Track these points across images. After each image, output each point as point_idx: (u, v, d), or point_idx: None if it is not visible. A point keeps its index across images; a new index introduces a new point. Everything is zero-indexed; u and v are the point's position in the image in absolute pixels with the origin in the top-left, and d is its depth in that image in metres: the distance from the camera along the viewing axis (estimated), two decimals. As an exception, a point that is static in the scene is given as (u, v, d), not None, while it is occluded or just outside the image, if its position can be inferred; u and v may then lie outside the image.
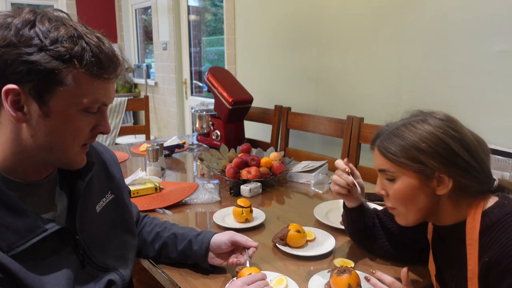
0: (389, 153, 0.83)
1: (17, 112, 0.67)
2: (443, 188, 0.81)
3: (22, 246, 0.68)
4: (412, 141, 0.81)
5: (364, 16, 2.05)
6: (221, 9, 3.44)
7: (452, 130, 0.80)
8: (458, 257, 0.84)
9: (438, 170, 0.80)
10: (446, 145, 0.79)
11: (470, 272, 0.79)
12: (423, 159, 0.80)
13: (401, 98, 1.93)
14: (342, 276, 0.90)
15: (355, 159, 1.94)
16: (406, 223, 0.89)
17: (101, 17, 4.90)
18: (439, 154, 0.79)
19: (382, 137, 0.86)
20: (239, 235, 1.04)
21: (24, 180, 0.73)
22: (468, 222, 0.81)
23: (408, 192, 0.83)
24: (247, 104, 2.35)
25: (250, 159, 1.75)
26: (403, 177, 0.83)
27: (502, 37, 1.55)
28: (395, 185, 0.85)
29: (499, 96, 1.59)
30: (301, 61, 2.46)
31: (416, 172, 0.81)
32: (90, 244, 0.83)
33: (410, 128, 0.83)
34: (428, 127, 0.81)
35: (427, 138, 0.80)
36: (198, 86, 4.09)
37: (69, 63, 0.66)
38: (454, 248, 0.86)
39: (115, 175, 0.96)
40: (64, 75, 0.66)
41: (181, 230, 1.10)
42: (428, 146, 0.79)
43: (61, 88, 0.67)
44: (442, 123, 0.81)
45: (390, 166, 0.84)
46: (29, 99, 0.66)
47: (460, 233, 0.82)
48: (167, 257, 1.08)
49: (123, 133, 3.38)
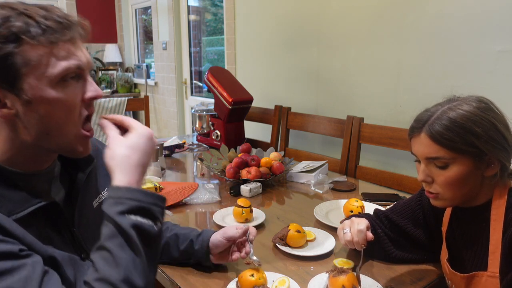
0: (445, 140, 0.82)
1: (1, 110, 0.66)
2: (491, 170, 0.83)
3: (21, 213, 0.68)
4: (467, 126, 0.81)
5: (364, 16, 2.05)
6: (221, 9, 3.44)
7: (497, 112, 0.83)
8: (478, 236, 0.87)
9: (490, 153, 0.81)
10: (496, 129, 0.81)
11: (493, 246, 0.82)
12: (478, 144, 0.81)
13: (401, 98, 1.93)
14: (338, 277, 0.90)
15: (355, 159, 1.94)
16: (444, 205, 0.90)
17: (101, 17, 4.90)
18: (492, 138, 0.81)
19: (431, 123, 0.84)
20: (231, 229, 1.02)
21: (24, 170, 0.72)
22: (494, 199, 0.84)
23: (462, 177, 0.83)
24: (247, 104, 2.35)
25: (250, 159, 1.75)
26: (458, 163, 0.83)
27: (502, 37, 1.55)
28: (448, 171, 0.83)
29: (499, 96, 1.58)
30: (301, 61, 2.46)
31: (472, 156, 0.82)
32: (86, 238, 0.83)
33: (459, 111, 0.82)
34: (476, 111, 0.82)
35: (480, 123, 0.81)
36: (198, 86, 4.09)
37: (19, 41, 0.64)
38: (475, 228, 0.88)
39: None
40: (21, 55, 0.64)
41: (183, 230, 1.10)
42: (483, 130, 0.80)
43: (28, 70, 0.65)
44: (487, 106, 0.83)
45: (445, 153, 0.82)
46: (4, 91, 0.65)
47: (484, 213, 0.85)
48: (169, 257, 1.08)
49: (123, 133, 3.37)
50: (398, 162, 1.96)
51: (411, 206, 1.08)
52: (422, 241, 1.06)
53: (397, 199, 1.51)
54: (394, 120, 1.95)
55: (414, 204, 1.08)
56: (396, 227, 1.09)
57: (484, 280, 0.83)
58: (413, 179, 1.71)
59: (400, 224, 1.08)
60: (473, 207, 0.89)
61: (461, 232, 0.94)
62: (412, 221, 1.07)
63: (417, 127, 0.86)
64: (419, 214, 1.06)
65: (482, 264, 0.85)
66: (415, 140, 0.88)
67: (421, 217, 1.06)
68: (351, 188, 1.68)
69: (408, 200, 1.11)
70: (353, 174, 1.94)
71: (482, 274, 0.84)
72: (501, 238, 0.81)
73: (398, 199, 1.51)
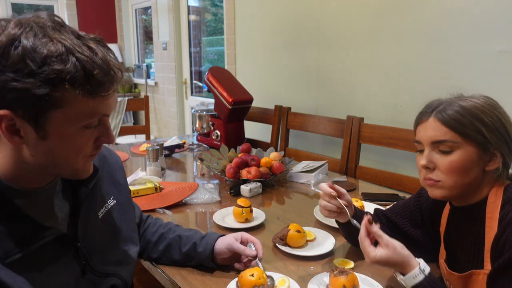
0: (455, 122, 0.83)
1: (14, 137, 0.64)
2: (494, 164, 0.84)
3: (19, 253, 0.67)
4: (476, 113, 0.83)
5: (364, 16, 2.05)
6: (221, 9, 3.44)
7: (502, 110, 0.86)
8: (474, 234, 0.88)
9: (494, 145, 0.83)
10: (502, 122, 0.84)
11: (488, 244, 0.82)
12: (485, 132, 0.82)
13: (401, 98, 1.93)
14: (339, 277, 0.90)
15: (355, 159, 1.94)
16: (443, 195, 0.89)
17: (101, 17, 4.90)
18: (498, 130, 0.83)
19: (442, 108, 0.86)
20: (237, 244, 1.03)
21: (26, 187, 0.71)
22: (490, 197, 0.85)
23: (464, 164, 0.84)
24: (247, 104, 2.35)
25: (250, 159, 1.75)
26: (463, 149, 0.84)
27: (502, 37, 1.55)
28: (451, 156, 0.84)
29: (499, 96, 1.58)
30: (301, 61, 2.46)
31: (477, 144, 0.83)
32: (91, 251, 0.82)
33: (469, 102, 0.85)
34: (485, 104, 0.84)
35: (489, 114, 0.83)
36: (198, 86, 4.09)
37: (61, 86, 0.61)
38: (472, 226, 0.89)
39: (119, 181, 0.95)
40: (56, 98, 0.62)
41: (186, 232, 1.10)
42: (490, 121, 0.83)
43: (55, 111, 0.63)
44: (493, 103, 0.86)
45: (452, 136, 0.84)
46: (24, 123, 0.63)
47: (480, 211, 0.86)
48: (170, 259, 1.08)
49: (123, 133, 3.38)
50: (398, 162, 1.96)
51: (409, 206, 1.09)
52: (420, 241, 1.07)
53: (397, 199, 1.51)
54: (394, 120, 1.95)
55: (413, 204, 1.08)
56: (394, 226, 1.09)
57: (481, 278, 0.83)
58: (413, 179, 1.71)
59: (398, 223, 1.09)
60: (470, 205, 0.89)
61: (458, 232, 0.94)
62: (410, 221, 1.08)
63: (427, 112, 0.88)
64: (417, 214, 1.07)
65: (478, 263, 0.85)
66: (422, 126, 0.89)
67: (419, 217, 1.06)
68: (351, 188, 1.67)
69: (407, 200, 1.12)
70: (353, 174, 1.94)
71: (479, 273, 0.84)
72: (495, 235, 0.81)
73: (398, 199, 1.51)
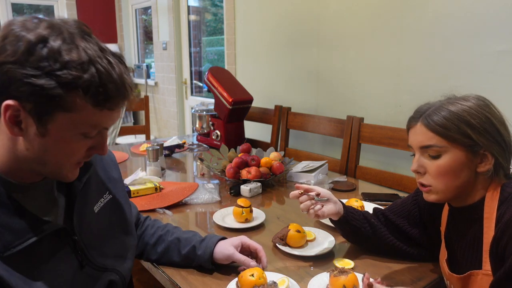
0: (439, 127, 0.84)
1: (14, 127, 0.66)
2: (485, 165, 0.84)
3: (18, 246, 0.68)
4: (462, 116, 0.83)
5: (364, 16, 2.05)
6: (221, 9, 3.44)
7: (493, 110, 0.85)
8: (472, 235, 0.87)
9: (484, 147, 0.82)
10: (491, 123, 0.83)
11: (486, 245, 0.82)
12: (472, 135, 0.82)
13: (401, 98, 1.93)
14: (339, 277, 0.90)
15: (355, 159, 1.94)
16: (437, 199, 0.89)
17: (101, 17, 4.90)
18: (487, 131, 0.82)
19: (428, 113, 0.86)
20: (237, 256, 1.03)
21: (22, 181, 0.72)
22: (487, 197, 0.85)
23: (453, 168, 0.84)
24: (247, 104, 2.35)
25: (250, 159, 1.75)
26: (450, 153, 0.84)
27: (502, 37, 1.55)
28: (439, 161, 0.85)
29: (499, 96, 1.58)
30: (301, 61, 2.46)
31: (464, 147, 0.83)
32: (89, 244, 0.83)
33: (457, 105, 0.84)
34: (474, 105, 0.84)
35: (476, 116, 0.82)
36: (198, 86, 4.09)
37: (74, 92, 0.64)
38: (470, 227, 0.88)
39: (113, 176, 0.96)
40: (66, 102, 0.64)
41: (184, 234, 1.10)
42: (478, 122, 0.82)
43: (61, 114, 0.65)
44: (484, 103, 0.85)
45: (438, 140, 0.84)
46: (28, 117, 0.65)
47: (478, 211, 0.86)
48: (169, 261, 1.08)
49: (123, 133, 3.38)
50: (398, 162, 1.96)
51: (407, 205, 1.09)
52: (418, 240, 1.07)
53: (396, 199, 1.51)
54: (394, 120, 1.95)
55: (410, 203, 1.08)
56: (392, 225, 1.10)
57: (480, 278, 0.83)
58: (413, 179, 1.71)
59: (396, 222, 1.09)
60: (468, 206, 0.89)
61: (457, 232, 0.94)
62: (408, 220, 1.08)
63: (415, 118, 0.89)
64: (415, 213, 1.07)
65: (477, 263, 0.85)
66: (412, 131, 0.90)
67: (417, 216, 1.07)
68: (351, 188, 1.68)
69: (404, 199, 1.12)
70: (353, 174, 1.94)
71: (478, 273, 0.84)
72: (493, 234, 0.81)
73: (398, 199, 1.51)
